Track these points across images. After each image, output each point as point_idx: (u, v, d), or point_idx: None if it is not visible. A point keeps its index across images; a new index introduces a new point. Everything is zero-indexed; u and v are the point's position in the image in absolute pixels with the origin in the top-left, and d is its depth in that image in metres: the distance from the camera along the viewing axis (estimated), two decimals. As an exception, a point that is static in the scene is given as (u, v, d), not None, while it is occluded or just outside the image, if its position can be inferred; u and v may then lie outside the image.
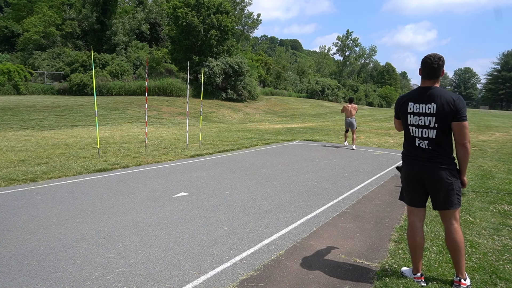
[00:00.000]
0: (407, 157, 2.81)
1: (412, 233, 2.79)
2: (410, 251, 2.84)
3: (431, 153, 2.63)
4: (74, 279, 2.74)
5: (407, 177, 2.79)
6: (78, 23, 34.08)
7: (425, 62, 2.64)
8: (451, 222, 2.69)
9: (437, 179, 2.62)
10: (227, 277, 2.84)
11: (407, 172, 2.79)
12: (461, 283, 2.67)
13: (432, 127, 2.60)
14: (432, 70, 2.62)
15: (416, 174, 2.71)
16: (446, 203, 2.65)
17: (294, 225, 4.03)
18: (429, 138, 2.63)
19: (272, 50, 75.86)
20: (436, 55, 2.63)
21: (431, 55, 2.64)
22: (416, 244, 2.76)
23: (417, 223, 2.78)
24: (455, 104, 2.52)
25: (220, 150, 9.40)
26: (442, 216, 2.75)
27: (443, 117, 2.55)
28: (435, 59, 2.60)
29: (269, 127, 17.65)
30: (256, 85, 33.20)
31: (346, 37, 65.13)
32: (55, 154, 7.85)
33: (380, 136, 14.35)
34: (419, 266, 2.80)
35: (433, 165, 2.62)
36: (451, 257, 2.77)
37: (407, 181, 2.81)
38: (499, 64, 77.87)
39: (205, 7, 27.96)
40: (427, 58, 2.64)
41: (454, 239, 2.67)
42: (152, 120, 17.40)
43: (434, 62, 2.60)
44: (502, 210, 4.67)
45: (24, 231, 3.64)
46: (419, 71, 2.73)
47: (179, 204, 4.67)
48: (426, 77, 2.65)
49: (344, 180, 6.40)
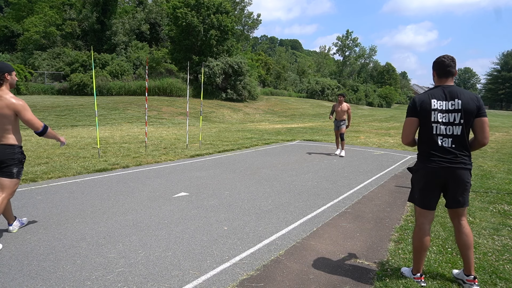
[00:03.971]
0: (427, 158, 2.70)
1: (420, 236, 2.76)
2: (414, 253, 2.82)
3: (455, 153, 2.62)
4: (74, 279, 2.74)
5: (428, 178, 2.70)
6: (78, 23, 34.06)
7: (442, 62, 2.72)
8: (462, 219, 2.75)
9: (461, 179, 2.63)
10: (227, 277, 2.84)
11: (428, 173, 2.69)
12: (475, 281, 2.70)
13: (457, 123, 2.61)
14: (450, 68, 2.71)
15: (440, 175, 2.65)
16: (462, 201, 2.69)
17: (294, 225, 4.03)
18: (454, 135, 2.62)
19: (272, 50, 75.83)
20: (449, 56, 2.75)
21: (444, 56, 2.75)
22: (422, 246, 2.76)
23: (426, 225, 2.76)
24: (478, 101, 2.63)
25: (220, 150, 9.40)
26: (455, 214, 2.76)
27: (469, 113, 2.60)
28: (450, 58, 2.72)
29: (269, 127, 17.65)
30: (256, 85, 33.21)
31: (346, 37, 65.08)
32: (55, 154, 7.85)
33: (380, 136, 14.35)
34: (421, 267, 2.80)
35: (459, 166, 2.61)
36: (463, 255, 2.76)
37: (426, 183, 2.72)
38: (499, 64, 77.75)
39: (205, 7, 27.95)
40: (443, 58, 2.73)
41: (468, 234, 2.71)
42: (152, 120, 17.40)
43: (450, 61, 2.71)
44: (502, 210, 4.67)
45: (24, 231, 3.64)
46: (433, 73, 2.78)
47: (179, 204, 4.67)
48: (443, 76, 2.72)
49: (344, 180, 6.40)
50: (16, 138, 3.37)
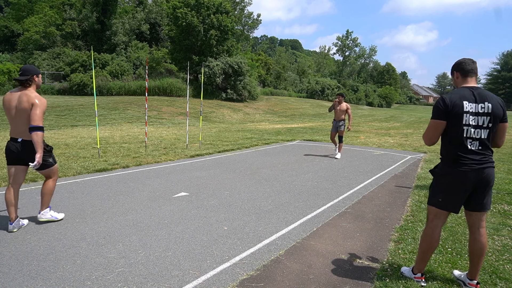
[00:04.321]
0: (455, 162, 2.60)
1: (432, 237, 2.72)
2: (421, 253, 2.79)
3: (483, 155, 2.59)
4: (74, 279, 2.74)
5: (458, 182, 2.60)
6: (78, 23, 34.07)
7: (465, 62, 2.69)
8: (482, 225, 2.69)
9: (490, 178, 2.60)
10: (227, 277, 2.84)
11: (459, 178, 2.58)
12: (477, 286, 2.70)
13: (485, 127, 2.58)
14: (473, 67, 2.68)
15: (471, 178, 2.57)
16: (486, 204, 2.67)
17: (294, 225, 4.03)
18: (481, 138, 2.58)
19: (272, 50, 75.83)
20: (469, 58, 2.75)
21: (464, 59, 2.73)
22: (431, 247, 2.73)
23: (439, 227, 2.72)
24: (503, 105, 2.63)
25: (220, 150, 9.40)
26: (476, 219, 2.70)
27: (496, 117, 2.58)
28: (471, 59, 2.71)
29: (269, 127, 17.65)
30: (256, 85, 33.20)
31: (346, 37, 65.12)
32: (55, 154, 7.85)
33: (380, 136, 14.35)
34: (423, 268, 2.80)
35: (488, 165, 2.59)
36: (472, 261, 2.72)
37: (455, 187, 2.61)
38: (499, 64, 77.76)
39: (205, 7, 27.95)
40: (465, 59, 2.71)
41: (484, 243, 2.67)
42: (152, 120, 17.40)
43: (471, 61, 2.69)
44: (502, 210, 4.67)
45: (24, 231, 3.64)
46: (456, 75, 2.73)
47: (179, 204, 4.67)
48: (468, 75, 2.67)
49: (344, 180, 6.40)
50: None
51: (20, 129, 3.57)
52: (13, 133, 3.62)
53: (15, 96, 3.55)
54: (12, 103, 3.54)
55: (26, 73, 3.58)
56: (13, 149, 3.59)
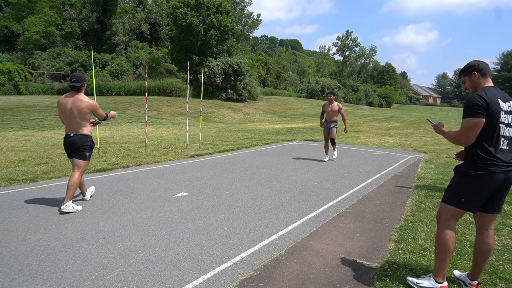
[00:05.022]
0: (487, 162, 2.48)
1: (452, 237, 2.60)
2: (443, 257, 2.63)
3: (510, 155, 2.53)
4: (74, 279, 2.74)
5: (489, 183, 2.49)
6: (78, 23, 34.06)
7: (483, 63, 2.65)
8: (492, 226, 2.66)
9: (511, 183, 2.56)
10: (227, 277, 2.84)
11: (490, 179, 2.48)
12: (479, 287, 2.69)
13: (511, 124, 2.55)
14: (489, 67, 2.67)
15: (500, 179, 2.49)
16: (501, 206, 2.64)
17: (294, 225, 4.03)
18: (509, 137, 2.54)
19: (272, 50, 75.80)
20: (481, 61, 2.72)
21: (479, 61, 2.69)
22: (451, 250, 2.62)
23: (454, 227, 2.65)
24: None
25: (220, 150, 9.40)
26: (488, 220, 2.66)
27: None
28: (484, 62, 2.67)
29: (269, 127, 17.65)
30: (256, 85, 33.18)
31: (346, 37, 65.13)
32: (55, 154, 7.86)
33: (380, 136, 14.35)
34: (445, 273, 2.68)
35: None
36: (476, 262, 2.69)
37: (485, 187, 2.52)
38: (499, 64, 77.77)
39: (205, 7, 27.95)
40: (480, 62, 2.66)
41: (491, 245, 2.65)
42: (152, 120, 17.40)
43: (487, 64, 2.66)
44: (502, 210, 4.67)
45: (24, 231, 3.64)
46: (475, 75, 2.62)
47: (179, 204, 4.67)
48: (488, 75, 2.63)
49: (344, 180, 6.40)
50: (89, 130, 4.46)
51: (73, 126, 4.36)
52: (68, 129, 4.39)
53: (69, 99, 4.31)
54: (68, 105, 4.28)
55: (80, 80, 4.34)
56: (66, 143, 4.39)
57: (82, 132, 4.37)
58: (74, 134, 4.36)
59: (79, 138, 4.35)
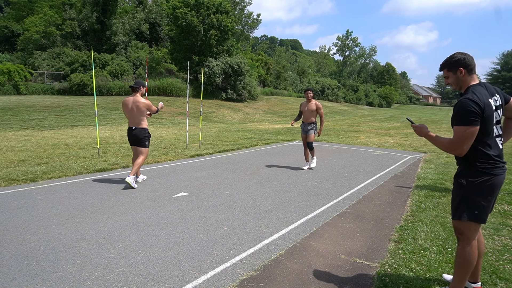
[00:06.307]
0: (490, 166, 2.32)
1: (475, 254, 2.42)
2: (465, 273, 2.44)
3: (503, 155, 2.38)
4: (74, 279, 2.74)
5: (495, 188, 2.34)
6: (78, 23, 34.05)
7: (469, 58, 2.40)
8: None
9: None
10: (227, 277, 2.84)
11: (497, 183, 2.33)
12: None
13: (500, 120, 2.42)
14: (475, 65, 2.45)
15: (502, 180, 2.35)
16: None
17: (294, 225, 4.03)
18: (500, 134, 2.39)
19: (272, 50, 75.77)
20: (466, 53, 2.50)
21: (464, 54, 2.45)
22: (473, 265, 2.44)
23: (476, 242, 2.46)
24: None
25: (220, 150, 9.39)
26: None
27: (502, 108, 2.44)
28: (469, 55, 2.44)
29: (269, 127, 17.65)
30: (256, 85, 33.19)
31: (346, 37, 65.15)
32: (55, 154, 7.85)
33: (380, 136, 14.35)
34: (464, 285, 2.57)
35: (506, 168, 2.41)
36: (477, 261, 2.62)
37: (493, 194, 2.36)
38: (499, 64, 77.75)
39: (205, 7, 27.95)
40: (466, 55, 2.41)
41: (482, 241, 2.60)
42: (152, 120, 17.39)
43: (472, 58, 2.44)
44: (502, 210, 4.67)
45: (24, 231, 3.64)
46: (461, 72, 2.38)
47: (179, 204, 4.67)
48: (474, 72, 2.41)
49: (344, 180, 6.40)
50: (146, 123, 5.62)
51: (134, 121, 5.52)
52: (131, 123, 5.57)
53: (130, 99, 5.50)
54: (129, 104, 5.48)
55: (137, 84, 5.61)
56: (130, 135, 5.60)
57: (141, 126, 5.53)
58: (136, 128, 5.52)
59: (139, 131, 5.51)
